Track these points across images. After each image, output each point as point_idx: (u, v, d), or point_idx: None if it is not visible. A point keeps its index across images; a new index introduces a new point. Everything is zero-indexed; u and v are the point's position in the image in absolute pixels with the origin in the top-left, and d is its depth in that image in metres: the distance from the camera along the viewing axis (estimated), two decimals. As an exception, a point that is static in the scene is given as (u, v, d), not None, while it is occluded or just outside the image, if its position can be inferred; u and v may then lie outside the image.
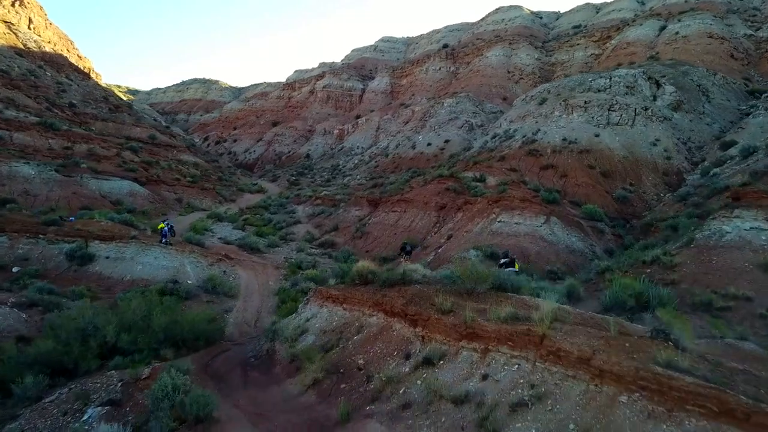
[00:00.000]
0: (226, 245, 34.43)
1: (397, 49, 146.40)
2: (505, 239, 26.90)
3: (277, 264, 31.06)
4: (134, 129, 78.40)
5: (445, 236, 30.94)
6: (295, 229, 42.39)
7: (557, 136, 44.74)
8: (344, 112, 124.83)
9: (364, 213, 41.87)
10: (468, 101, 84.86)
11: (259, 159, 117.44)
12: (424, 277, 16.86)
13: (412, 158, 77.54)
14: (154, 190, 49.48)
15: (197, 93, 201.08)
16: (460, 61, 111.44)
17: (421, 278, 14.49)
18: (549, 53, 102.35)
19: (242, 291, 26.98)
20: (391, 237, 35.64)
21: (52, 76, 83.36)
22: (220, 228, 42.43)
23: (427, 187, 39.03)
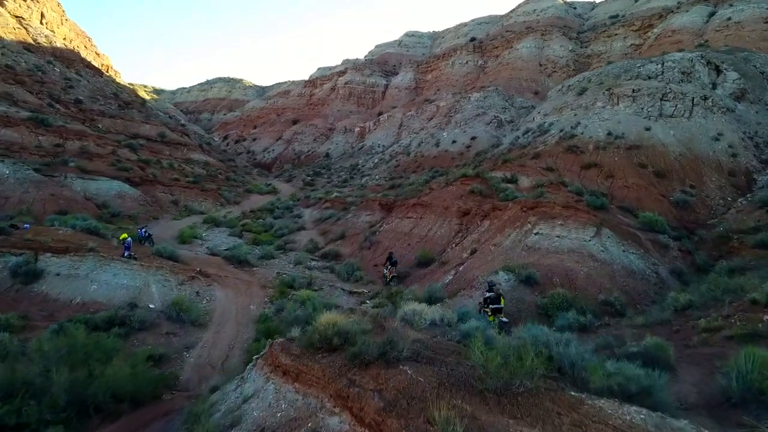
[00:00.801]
0: (212, 257, 29.49)
1: (422, 44, 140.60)
2: (543, 257, 21.18)
3: (266, 281, 25.93)
4: (143, 126, 74.95)
5: (468, 249, 25.33)
6: (297, 237, 37.25)
7: (600, 130, 38.63)
8: (366, 109, 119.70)
9: (376, 219, 36.51)
10: (497, 95, 78.74)
11: (278, 158, 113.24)
12: (432, 325, 11.55)
13: (436, 157, 71.96)
14: (148, 191, 45.05)
15: (221, 92, 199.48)
16: (489, 54, 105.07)
17: (422, 340, 9.10)
18: (584, 44, 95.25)
19: (215, 318, 21.90)
20: (404, 248, 30.18)
21: (61, 71, 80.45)
22: (214, 235, 37.61)
23: (449, 189, 33.46)
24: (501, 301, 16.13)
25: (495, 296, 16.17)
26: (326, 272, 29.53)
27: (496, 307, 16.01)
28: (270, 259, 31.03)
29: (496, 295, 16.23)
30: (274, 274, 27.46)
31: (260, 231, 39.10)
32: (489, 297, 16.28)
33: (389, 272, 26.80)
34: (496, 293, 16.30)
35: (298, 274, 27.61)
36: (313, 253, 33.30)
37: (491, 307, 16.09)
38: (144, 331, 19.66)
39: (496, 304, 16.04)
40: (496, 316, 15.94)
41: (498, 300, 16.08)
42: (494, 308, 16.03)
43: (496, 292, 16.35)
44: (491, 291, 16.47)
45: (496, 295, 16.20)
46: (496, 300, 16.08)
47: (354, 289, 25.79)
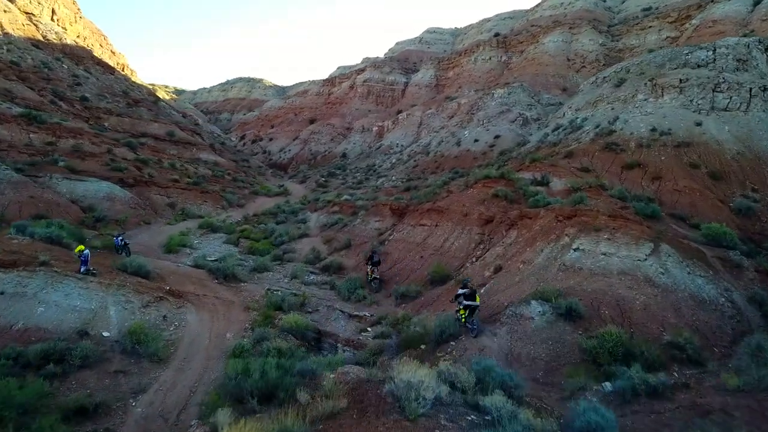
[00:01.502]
0: (195, 270, 25.69)
1: (443, 41, 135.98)
2: (586, 280, 16.79)
3: (251, 301, 22.02)
4: (152, 125, 72.35)
5: (491, 266, 21.02)
6: (298, 245, 33.28)
7: (643, 125, 33.95)
8: (385, 107, 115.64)
9: (386, 226, 32.30)
10: (522, 92, 73.92)
11: (294, 158, 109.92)
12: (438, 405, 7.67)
13: (456, 157, 67.60)
14: (142, 193, 41.59)
15: (241, 92, 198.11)
16: (513, 50, 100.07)
17: None
18: (615, 38, 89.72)
19: (181, 350, 18.03)
20: (416, 261, 25.99)
21: (69, 68, 78.38)
22: (207, 242, 33.89)
23: (469, 192, 29.14)
24: (476, 298, 15.80)
25: (469, 293, 15.78)
26: (325, 289, 25.52)
27: (471, 304, 15.63)
28: (263, 272, 27.11)
29: (471, 291, 15.86)
30: (264, 291, 23.54)
31: (259, 237, 35.28)
32: (464, 293, 15.88)
33: (371, 272, 25.67)
34: (471, 290, 15.94)
35: (290, 292, 23.64)
36: (314, 265, 29.30)
37: (465, 303, 15.72)
38: (87, 368, 15.93)
39: (471, 300, 15.64)
40: (468, 309, 15.68)
41: (473, 296, 15.72)
42: (468, 305, 15.66)
43: (471, 289, 15.98)
44: (465, 287, 16.11)
45: (471, 292, 15.83)
46: (471, 297, 15.70)
47: (355, 312, 21.73)
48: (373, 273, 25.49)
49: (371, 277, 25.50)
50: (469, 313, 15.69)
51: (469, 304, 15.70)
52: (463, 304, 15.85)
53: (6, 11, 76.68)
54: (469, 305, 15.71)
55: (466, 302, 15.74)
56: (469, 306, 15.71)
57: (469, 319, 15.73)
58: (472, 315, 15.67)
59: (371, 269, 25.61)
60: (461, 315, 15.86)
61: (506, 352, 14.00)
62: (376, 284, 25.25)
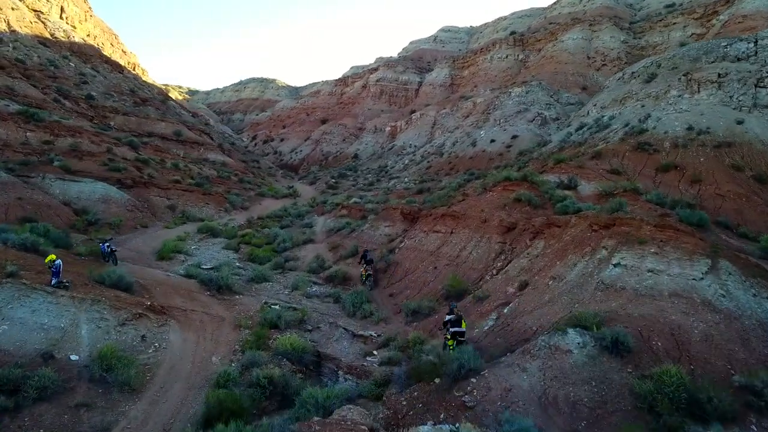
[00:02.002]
0: (186, 280, 23.40)
1: (458, 39, 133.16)
2: (631, 303, 14.16)
3: (244, 317, 19.66)
4: (158, 124, 70.71)
5: (515, 282, 18.42)
6: (302, 252, 30.90)
7: (678, 123, 31.13)
8: (398, 107, 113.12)
9: (397, 231, 29.79)
10: (540, 90, 71.02)
11: (305, 159, 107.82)
12: None
13: (472, 158, 64.94)
14: (141, 194, 39.53)
15: (254, 92, 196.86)
16: (530, 48, 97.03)
17: None
18: (637, 35, 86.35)
19: (159, 377, 15.70)
20: (429, 272, 23.46)
21: (76, 66, 76.96)
22: (205, 248, 31.64)
23: (487, 195, 26.55)
24: (462, 324, 15.26)
25: (456, 319, 15.26)
26: (329, 302, 23.10)
27: (458, 330, 15.10)
28: (262, 283, 24.76)
29: (457, 317, 15.31)
30: (260, 305, 21.18)
31: (261, 243, 32.98)
32: (449, 320, 15.31)
33: (364, 270, 25.48)
34: (457, 316, 15.39)
35: (289, 306, 21.27)
36: (318, 275, 26.90)
37: (452, 330, 15.15)
38: (45, 401, 13.66)
39: (457, 327, 15.13)
40: (455, 338, 15.02)
41: (459, 323, 15.20)
42: (455, 332, 15.09)
43: (457, 315, 15.42)
44: (452, 313, 15.47)
45: (457, 318, 15.29)
46: (457, 323, 15.18)
47: (360, 331, 19.27)
48: (366, 272, 25.35)
49: (365, 276, 25.31)
50: (456, 343, 14.91)
51: (456, 331, 15.10)
52: (450, 331, 15.21)
53: (14, 9, 75.47)
54: (456, 332, 15.10)
55: (453, 329, 15.12)
56: (456, 333, 15.10)
57: (457, 349, 14.64)
58: (460, 344, 14.74)
59: (365, 268, 25.44)
60: (449, 345, 15.13)
61: (539, 394, 11.45)
62: (370, 282, 25.09)
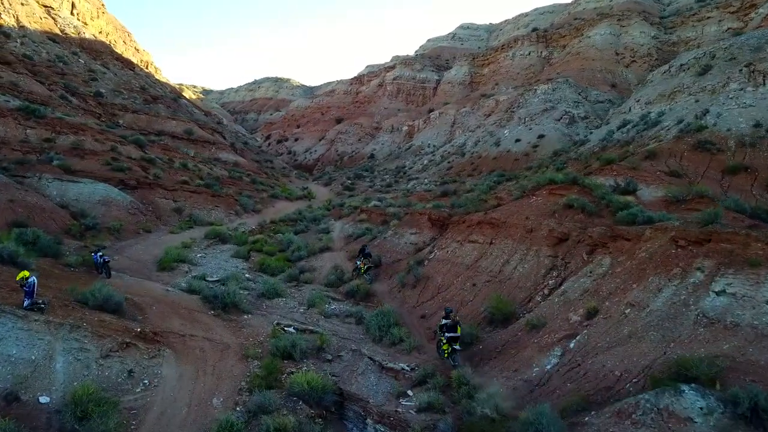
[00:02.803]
0: (188, 296, 20.46)
1: (477, 37, 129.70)
2: (753, 345, 10.86)
3: (253, 343, 16.66)
4: (169, 122, 68.43)
5: (579, 307, 15.16)
6: (319, 261, 27.88)
7: (742, 119, 27.64)
8: (416, 106, 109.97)
9: (424, 240, 26.63)
10: (568, 88, 67.48)
11: (320, 159, 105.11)
12: None
13: (495, 158, 61.69)
14: (145, 196, 36.82)
15: (268, 92, 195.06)
16: (554, 44, 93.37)
17: None
18: (668, 31, 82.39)
19: (146, 426, 12.71)
20: (466, 290, 20.26)
21: (86, 63, 74.98)
22: (212, 256, 28.73)
23: (530, 201, 23.30)
24: (458, 330, 15.31)
25: (452, 324, 15.38)
26: (350, 323, 20.04)
27: (453, 336, 15.21)
28: (274, 299, 21.77)
29: (453, 323, 15.42)
30: (271, 327, 18.16)
31: (273, 251, 30.05)
32: (445, 324, 15.45)
33: (362, 263, 25.07)
34: (453, 321, 15.53)
35: (304, 328, 18.25)
36: (337, 289, 23.87)
37: (447, 335, 15.28)
38: (-2, 462, 10.76)
39: (452, 332, 15.23)
40: (450, 344, 15.26)
41: (455, 328, 15.29)
42: (450, 337, 15.23)
43: (453, 320, 15.57)
44: (448, 318, 15.65)
45: (453, 323, 15.40)
46: (453, 328, 15.28)
47: (389, 363, 16.14)
48: (364, 265, 24.87)
49: (364, 268, 24.84)
50: (451, 350, 15.22)
51: (452, 336, 15.18)
52: (446, 336, 15.28)
53: (23, 4, 73.61)
54: (452, 338, 15.19)
55: (448, 334, 15.21)
56: (452, 338, 15.18)
57: (452, 354, 15.31)
58: (454, 352, 15.18)
59: (363, 261, 25.02)
60: (444, 350, 15.49)
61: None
62: (369, 275, 24.64)
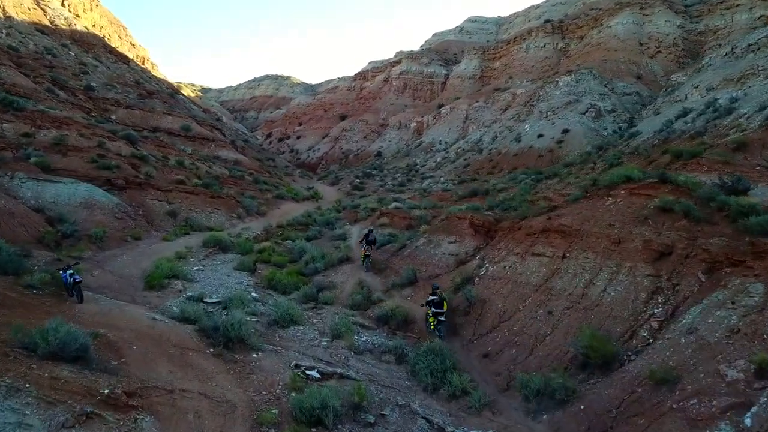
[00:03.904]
0: (178, 327, 15.87)
1: (486, 30, 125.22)
2: None
3: (267, 398, 12.16)
4: (165, 118, 64.15)
5: (736, 358, 10.55)
6: (338, 275, 23.35)
7: (843, 104, 23.08)
8: (423, 102, 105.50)
9: (467, 250, 22.02)
10: (593, 79, 62.98)
11: (323, 158, 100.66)
12: None
13: (517, 154, 57.28)
14: (135, 198, 32.30)
15: (268, 89, 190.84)
16: (571, 36, 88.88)
17: None
18: (694, 19, 77.91)
19: None
20: (540, 319, 15.66)
21: (77, 55, 70.62)
22: (211, 269, 24.16)
23: (604, 203, 18.74)
24: (444, 305, 16.22)
25: (438, 300, 16.23)
26: (389, 362, 15.51)
27: (439, 311, 16.14)
28: (288, 327, 17.24)
29: (440, 299, 16.27)
30: (289, 371, 13.65)
31: (284, 261, 25.55)
32: (432, 300, 16.35)
33: (363, 251, 24.40)
34: (440, 297, 16.36)
35: (332, 371, 13.74)
36: (364, 311, 19.35)
37: (434, 310, 16.28)
38: None
39: (439, 308, 16.17)
40: (437, 317, 16.22)
41: (441, 305, 16.19)
42: (436, 312, 16.21)
43: (440, 296, 16.39)
44: (434, 294, 16.42)
45: (440, 300, 16.25)
46: (440, 305, 16.17)
47: (455, 429, 11.63)
48: (365, 252, 24.03)
49: (363, 256, 24.15)
50: (437, 322, 16.28)
51: (438, 312, 16.18)
52: (433, 311, 16.31)
53: (11, -6, 69.33)
54: (437, 313, 16.18)
55: (435, 310, 16.21)
56: (436, 313, 16.20)
57: (438, 326, 16.33)
58: (440, 323, 16.17)
59: (365, 248, 24.15)
60: (430, 322, 16.59)
61: None
62: (367, 263, 23.91)
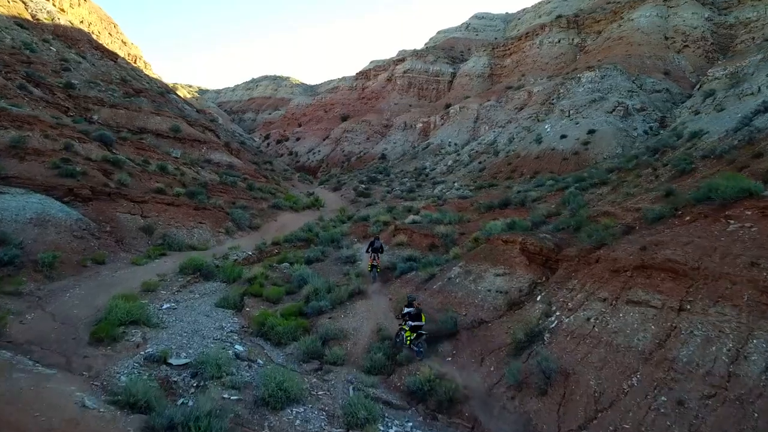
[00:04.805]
0: (123, 417, 10.55)
1: (493, 27, 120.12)
2: None
3: None
4: (153, 118, 58.96)
5: None
6: (350, 319, 17.94)
7: None
8: (429, 102, 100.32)
9: (521, 286, 16.60)
10: (619, 75, 57.78)
11: (324, 161, 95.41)
12: None
13: (538, 157, 52.05)
14: (103, 211, 26.90)
15: (266, 90, 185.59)
16: (588, 30, 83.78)
17: None
18: (723, 11, 72.80)
19: None
20: (661, 411, 10.37)
21: (58, 51, 65.44)
22: (186, 308, 18.79)
23: (725, 227, 13.42)
24: (422, 318, 14.88)
25: (415, 313, 14.99)
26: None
27: (417, 324, 14.81)
28: (281, 410, 11.94)
29: (417, 311, 15.02)
30: None
31: (278, 293, 20.23)
32: (408, 312, 15.08)
33: (371, 260, 22.97)
34: (417, 309, 15.13)
35: None
36: (388, 378, 14.09)
37: (410, 324, 14.91)
38: None
39: (417, 321, 14.83)
40: (414, 331, 14.84)
41: (419, 317, 14.88)
42: (414, 325, 14.83)
43: (417, 308, 15.17)
44: (411, 306, 15.26)
45: (417, 312, 14.99)
46: (417, 317, 14.88)
47: None
48: (372, 262, 22.95)
49: (369, 266, 23.08)
50: (415, 336, 14.81)
51: (415, 325, 14.80)
52: (408, 324, 15.00)
53: (-12, -14, 64.29)
54: (416, 326, 14.79)
55: (411, 323, 14.86)
56: (414, 327, 14.81)
57: (415, 341, 14.87)
58: (419, 338, 14.78)
59: (372, 257, 23.01)
60: (406, 337, 15.13)
61: None
62: (374, 273, 22.70)
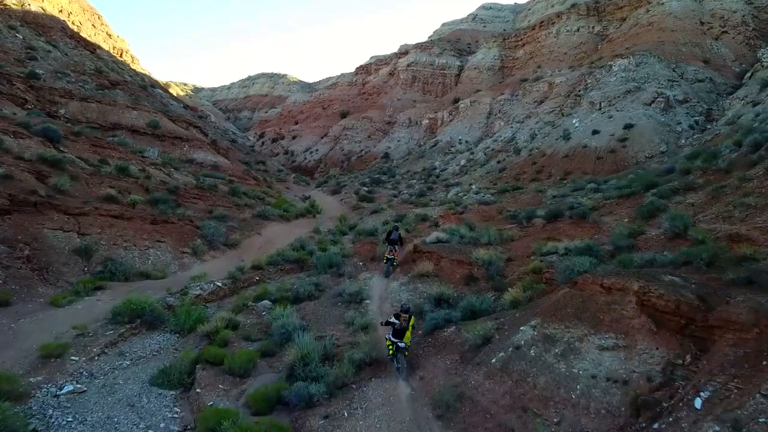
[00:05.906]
0: None
1: (502, 18, 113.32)
2: None
3: None
4: (129, 113, 52.38)
5: None
6: (357, 420, 11.19)
7: None
8: (435, 96, 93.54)
9: (650, 370, 9.55)
10: (657, 62, 51.04)
11: (322, 160, 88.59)
12: None
13: (567, 156, 45.26)
14: (24, 227, 19.98)
15: (263, 88, 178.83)
16: (610, 18, 77.09)
17: None
18: (763, -5, 66.07)
19: None
20: None
21: (25, 39, 58.70)
22: (104, 386, 11.94)
23: None
24: (407, 335, 12.66)
25: (400, 329, 12.62)
26: None
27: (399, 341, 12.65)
28: None
29: (401, 327, 12.62)
30: None
31: (249, 358, 13.41)
32: (394, 324, 12.78)
33: (387, 252, 21.74)
34: (402, 325, 12.65)
35: None
36: None
37: (393, 340, 12.73)
38: None
39: (398, 338, 12.61)
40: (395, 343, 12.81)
41: (402, 334, 12.61)
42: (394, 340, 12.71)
43: (402, 324, 12.68)
44: (398, 319, 12.82)
45: (401, 328, 12.61)
46: (400, 334, 12.58)
47: None
48: (389, 253, 21.45)
49: (386, 258, 21.64)
50: (396, 349, 12.75)
51: (395, 341, 12.69)
52: (391, 339, 12.87)
53: (-53, -33, 57.75)
54: (394, 340, 12.75)
55: (393, 339, 12.76)
56: (396, 337, 12.78)
57: (396, 355, 12.77)
58: (399, 351, 12.71)
59: (388, 249, 21.56)
60: (387, 346, 13.10)
61: None
62: (388, 267, 21.27)
